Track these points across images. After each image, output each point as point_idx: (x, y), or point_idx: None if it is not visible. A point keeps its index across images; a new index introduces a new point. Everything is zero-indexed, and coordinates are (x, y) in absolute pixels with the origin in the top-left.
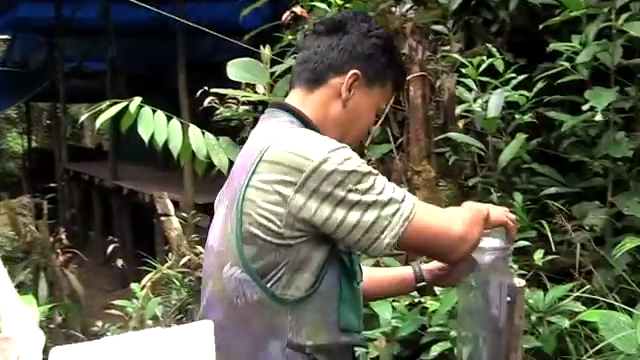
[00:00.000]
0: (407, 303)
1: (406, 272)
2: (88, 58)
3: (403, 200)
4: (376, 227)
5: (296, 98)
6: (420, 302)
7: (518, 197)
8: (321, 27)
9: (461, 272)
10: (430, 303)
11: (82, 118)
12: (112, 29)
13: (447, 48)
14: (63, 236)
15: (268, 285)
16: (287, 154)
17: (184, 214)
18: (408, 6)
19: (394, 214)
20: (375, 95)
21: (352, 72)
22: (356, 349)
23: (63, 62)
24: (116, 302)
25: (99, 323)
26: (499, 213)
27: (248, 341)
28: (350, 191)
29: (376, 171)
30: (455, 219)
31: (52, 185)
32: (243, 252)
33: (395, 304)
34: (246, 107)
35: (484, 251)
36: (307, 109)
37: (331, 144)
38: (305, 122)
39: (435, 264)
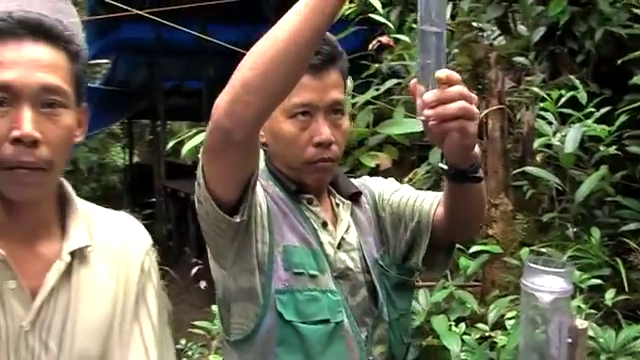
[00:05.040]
0: (477, 337)
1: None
2: (188, 77)
3: None
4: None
5: None
6: (490, 336)
7: (595, 232)
8: None
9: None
10: (500, 338)
11: (186, 147)
12: (209, 49)
13: (531, 78)
14: (155, 254)
15: (224, 325)
16: None
17: None
18: (495, 35)
19: None
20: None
21: None
22: None
23: (163, 81)
24: (198, 323)
25: (183, 341)
26: None
27: None
28: None
29: None
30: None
31: (151, 200)
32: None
33: (465, 337)
34: None
35: (545, 291)
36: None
37: None
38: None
39: None
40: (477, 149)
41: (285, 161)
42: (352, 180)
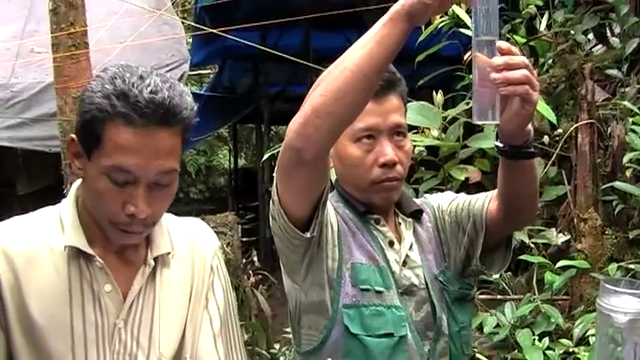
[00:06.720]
0: (561, 352)
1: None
2: (292, 83)
3: None
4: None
5: None
6: (573, 352)
7: None
8: None
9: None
10: (583, 354)
11: None
12: (312, 56)
13: (626, 90)
14: (255, 258)
15: (295, 337)
16: None
17: None
18: (592, 44)
19: None
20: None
21: None
22: None
23: (267, 87)
24: (290, 329)
25: (277, 346)
26: None
27: None
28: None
29: None
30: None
31: (254, 204)
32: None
33: (548, 352)
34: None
35: (620, 312)
36: None
37: None
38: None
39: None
40: (530, 126)
41: (353, 183)
42: (414, 200)
